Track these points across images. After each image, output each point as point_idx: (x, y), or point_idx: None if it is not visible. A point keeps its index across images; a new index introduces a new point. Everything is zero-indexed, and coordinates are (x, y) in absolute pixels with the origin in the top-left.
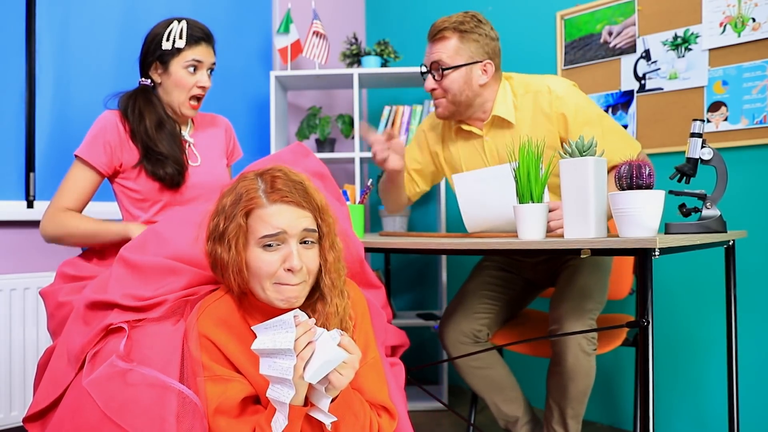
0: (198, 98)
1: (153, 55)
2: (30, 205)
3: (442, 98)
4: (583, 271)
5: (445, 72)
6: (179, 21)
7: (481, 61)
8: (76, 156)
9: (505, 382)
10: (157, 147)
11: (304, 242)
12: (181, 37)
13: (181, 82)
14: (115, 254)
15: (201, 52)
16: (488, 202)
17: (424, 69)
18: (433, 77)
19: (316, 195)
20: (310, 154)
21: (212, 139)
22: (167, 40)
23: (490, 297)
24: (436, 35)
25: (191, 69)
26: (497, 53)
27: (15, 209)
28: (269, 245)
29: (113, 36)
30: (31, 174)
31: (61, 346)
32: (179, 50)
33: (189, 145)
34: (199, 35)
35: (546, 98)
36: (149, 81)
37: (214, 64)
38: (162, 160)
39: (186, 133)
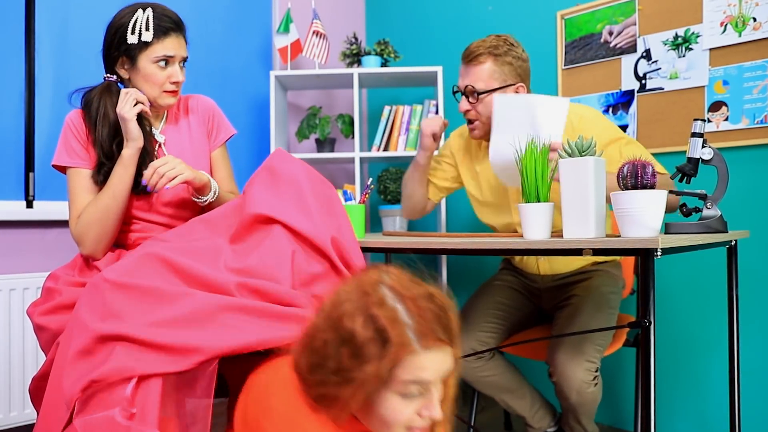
0: (175, 89)
1: (118, 49)
2: (29, 205)
3: (476, 120)
4: (583, 312)
5: (480, 96)
6: (144, 9)
7: (514, 84)
8: (58, 168)
9: (513, 383)
10: (109, 158)
11: None
12: (147, 29)
13: (152, 78)
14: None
15: (171, 44)
16: (521, 132)
17: (457, 89)
18: (468, 99)
19: (454, 320)
20: (291, 159)
21: (187, 131)
22: (132, 32)
23: (496, 316)
24: (471, 59)
25: (162, 63)
26: (528, 74)
27: (14, 209)
28: (410, 394)
29: None
30: (31, 174)
31: (54, 380)
32: (147, 44)
33: (159, 146)
34: (167, 26)
35: (574, 120)
36: (115, 77)
37: (186, 57)
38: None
39: (157, 131)
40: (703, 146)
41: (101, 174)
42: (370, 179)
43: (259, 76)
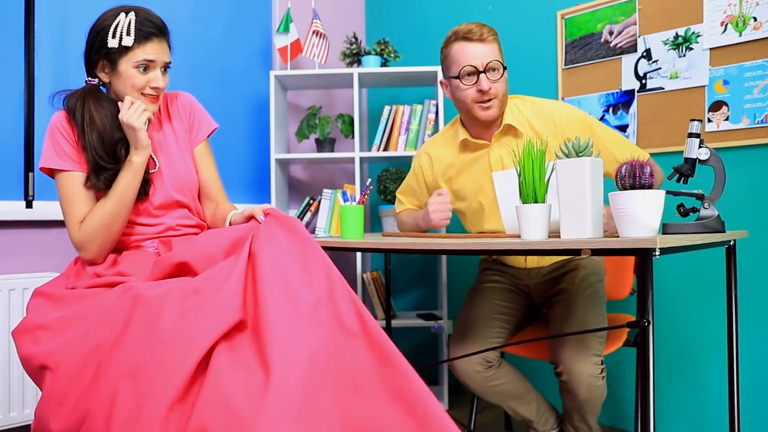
0: (154, 95)
1: (98, 52)
2: (29, 205)
3: (494, 98)
4: (578, 306)
5: (504, 71)
6: (127, 12)
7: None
8: (46, 170)
9: (521, 389)
10: (109, 163)
11: None
12: (128, 34)
13: (131, 82)
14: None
15: (152, 49)
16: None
17: (472, 69)
18: (487, 76)
19: None
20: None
21: (170, 131)
22: (113, 36)
23: (500, 320)
24: (487, 37)
25: (142, 68)
26: None
27: (14, 209)
28: None
29: None
30: (30, 174)
31: None
32: (127, 48)
33: None
34: (149, 30)
35: (554, 116)
36: (96, 80)
37: (168, 63)
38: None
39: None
40: (699, 146)
41: (101, 180)
42: (370, 179)
43: (259, 76)
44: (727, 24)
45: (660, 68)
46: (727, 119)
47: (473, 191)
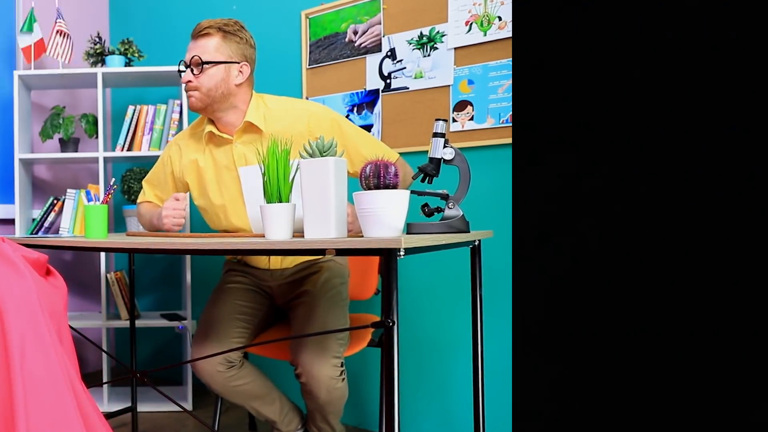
0: None
1: None
2: None
3: (195, 91)
4: (320, 308)
5: (205, 67)
6: None
7: (238, 62)
8: None
9: (263, 390)
10: None
11: None
12: None
13: None
14: None
15: None
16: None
17: (183, 67)
18: (192, 71)
19: None
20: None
21: None
22: None
23: (242, 320)
24: (200, 33)
25: None
26: (253, 60)
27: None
28: None
29: None
30: None
31: None
32: None
33: None
34: None
35: (305, 117)
36: None
37: None
38: None
39: None
40: (444, 146)
41: None
42: (113, 179)
43: (3, 75)
44: (471, 23)
45: (405, 68)
46: (472, 119)
47: (216, 187)
